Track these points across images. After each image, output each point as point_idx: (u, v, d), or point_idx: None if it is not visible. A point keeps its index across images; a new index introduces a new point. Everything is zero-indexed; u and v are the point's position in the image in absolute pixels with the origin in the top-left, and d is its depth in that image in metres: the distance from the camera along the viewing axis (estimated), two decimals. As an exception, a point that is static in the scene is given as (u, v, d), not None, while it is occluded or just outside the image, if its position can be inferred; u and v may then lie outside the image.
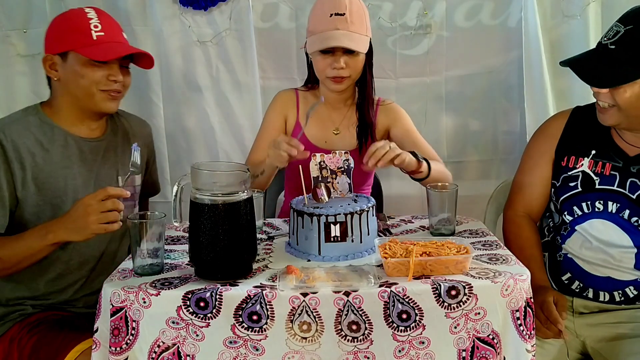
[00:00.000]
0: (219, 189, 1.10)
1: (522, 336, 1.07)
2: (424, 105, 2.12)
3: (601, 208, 1.35)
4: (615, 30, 1.24)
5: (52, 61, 1.41)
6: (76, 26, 1.39)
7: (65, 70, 1.40)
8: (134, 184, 1.56)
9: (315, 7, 1.58)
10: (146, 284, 1.10)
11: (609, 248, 1.34)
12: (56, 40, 1.40)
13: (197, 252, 1.12)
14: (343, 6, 1.51)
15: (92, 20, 1.40)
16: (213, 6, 2.00)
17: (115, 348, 1.07)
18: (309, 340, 1.07)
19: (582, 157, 1.39)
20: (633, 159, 1.34)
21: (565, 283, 1.41)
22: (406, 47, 2.07)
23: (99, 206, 1.20)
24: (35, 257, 1.30)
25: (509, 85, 2.10)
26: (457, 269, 1.12)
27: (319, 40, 1.53)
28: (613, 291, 1.36)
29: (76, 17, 1.41)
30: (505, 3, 2.02)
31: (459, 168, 2.17)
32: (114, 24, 1.46)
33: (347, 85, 1.61)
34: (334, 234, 1.22)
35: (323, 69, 1.57)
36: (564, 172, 1.42)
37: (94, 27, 1.39)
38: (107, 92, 1.42)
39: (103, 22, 1.41)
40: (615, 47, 1.23)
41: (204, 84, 2.08)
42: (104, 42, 1.39)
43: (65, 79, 1.41)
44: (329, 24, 1.51)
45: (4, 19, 2.02)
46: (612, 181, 1.35)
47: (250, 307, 1.06)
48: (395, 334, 1.07)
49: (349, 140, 1.68)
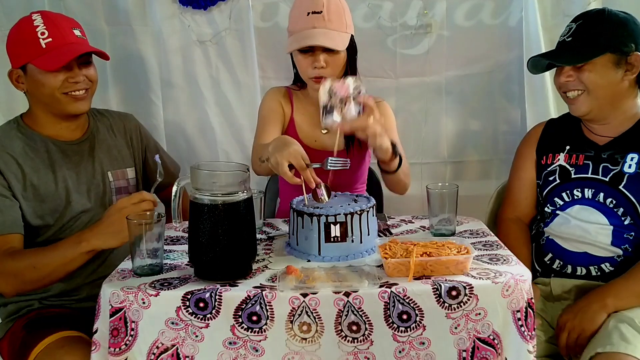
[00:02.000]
0: (218, 189, 1.09)
1: (523, 337, 1.07)
2: (424, 105, 2.11)
3: (580, 195, 1.47)
4: (569, 27, 1.47)
5: (17, 75, 1.43)
6: (25, 37, 1.40)
7: (29, 82, 1.42)
8: (127, 177, 1.59)
9: (294, 6, 1.60)
10: (145, 284, 1.10)
11: (585, 224, 1.45)
12: (13, 55, 1.43)
13: (197, 252, 1.12)
14: (320, 4, 1.51)
15: (39, 27, 1.39)
16: (213, 6, 2.00)
17: (115, 349, 1.07)
18: (309, 341, 1.07)
19: (558, 152, 1.54)
20: (603, 147, 1.47)
21: (547, 264, 1.50)
22: (406, 47, 2.06)
23: (135, 208, 1.20)
24: (70, 266, 1.28)
25: (509, 85, 2.10)
26: (458, 270, 1.12)
27: (297, 39, 1.53)
28: (589, 266, 1.43)
29: (24, 28, 1.41)
30: (505, 2, 2.02)
31: (459, 168, 2.17)
32: (63, 25, 1.44)
33: None
34: (334, 234, 1.21)
35: (305, 69, 1.58)
36: (544, 169, 1.56)
37: (40, 34, 1.39)
38: (71, 94, 1.43)
39: (49, 27, 1.40)
40: (572, 39, 1.45)
41: (203, 84, 2.08)
42: (54, 49, 1.39)
43: (31, 90, 1.44)
44: (307, 22, 1.52)
45: (4, 19, 2.01)
46: (586, 169, 1.48)
47: (250, 308, 1.05)
48: (395, 335, 1.07)
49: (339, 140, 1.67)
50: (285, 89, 1.73)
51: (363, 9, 2.00)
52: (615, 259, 1.41)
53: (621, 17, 1.42)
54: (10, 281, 1.31)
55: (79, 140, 1.52)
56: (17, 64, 1.42)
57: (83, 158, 1.51)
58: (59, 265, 1.28)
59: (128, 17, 2.01)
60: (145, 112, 2.03)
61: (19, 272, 1.29)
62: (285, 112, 1.69)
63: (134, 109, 1.88)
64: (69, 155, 1.49)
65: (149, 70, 2.06)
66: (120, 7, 2.00)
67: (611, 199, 1.42)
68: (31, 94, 1.45)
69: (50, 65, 1.38)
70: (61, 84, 1.41)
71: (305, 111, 1.70)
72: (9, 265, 1.30)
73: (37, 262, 1.29)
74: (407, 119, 2.11)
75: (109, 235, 1.22)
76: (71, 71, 1.41)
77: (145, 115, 1.98)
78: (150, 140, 1.71)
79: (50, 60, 1.38)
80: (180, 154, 2.12)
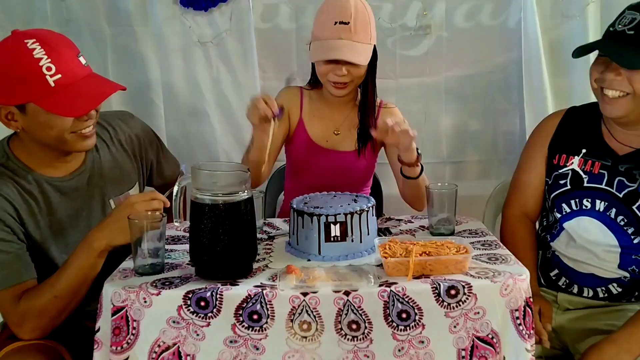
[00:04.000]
0: (219, 189, 1.10)
1: (522, 336, 1.08)
2: (424, 105, 2.12)
3: (589, 206, 1.37)
4: (631, 17, 1.25)
5: (8, 111, 1.21)
6: (27, 74, 1.17)
7: (28, 121, 1.21)
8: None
9: (321, 11, 1.57)
10: (147, 283, 1.11)
11: (592, 246, 1.37)
12: (7, 92, 1.18)
13: (198, 251, 1.13)
14: (348, 14, 1.50)
15: (42, 61, 1.17)
16: (213, 7, 2.01)
17: (116, 347, 1.08)
18: (309, 340, 1.07)
19: (572, 155, 1.41)
20: (622, 158, 1.35)
21: (553, 279, 1.45)
22: (406, 48, 2.07)
23: (145, 205, 1.17)
24: (90, 275, 1.20)
25: (509, 86, 2.10)
26: (457, 269, 1.12)
27: (322, 49, 1.53)
28: (596, 287, 1.39)
29: (23, 61, 1.17)
30: (504, 4, 2.03)
31: (459, 168, 2.18)
32: (67, 54, 1.22)
33: (348, 91, 1.61)
34: (334, 233, 1.22)
35: (325, 73, 1.57)
36: (555, 170, 1.44)
37: (46, 70, 1.17)
38: (80, 133, 1.25)
39: (55, 59, 1.18)
40: (635, 32, 1.23)
41: (204, 84, 2.09)
42: (64, 87, 1.19)
43: (29, 129, 1.23)
44: (333, 32, 1.51)
45: (5, 19, 2.02)
46: (600, 179, 1.36)
47: (251, 307, 1.06)
48: (395, 333, 1.07)
49: (349, 142, 1.69)
50: (298, 89, 1.72)
51: (363, 10, 2.01)
52: (622, 279, 1.36)
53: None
54: (36, 324, 1.21)
55: (78, 172, 1.36)
56: (11, 101, 1.19)
57: (81, 192, 1.37)
58: (79, 280, 1.20)
59: (129, 18, 2.02)
60: (146, 112, 2.04)
61: (42, 311, 1.21)
62: (292, 114, 1.69)
63: (134, 109, 1.88)
64: (66, 193, 1.34)
65: (150, 70, 2.07)
66: (121, 8, 2.01)
67: (623, 217, 1.33)
68: (29, 133, 1.24)
69: (68, 110, 1.19)
70: (72, 124, 1.22)
71: (317, 112, 1.69)
72: (28, 308, 1.20)
73: (57, 291, 1.20)
74: (406, 119, 2.10)
75: (117, 231, 1.18)
76: None
77: (146, 115, 1.98)
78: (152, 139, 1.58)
79: (66, 104, 1.18)
80: (181, 154, 2.13)
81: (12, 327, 1.24)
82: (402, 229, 1.43)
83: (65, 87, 1.19)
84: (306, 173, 1.44)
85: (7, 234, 1.24)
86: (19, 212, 1.27)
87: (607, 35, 1.31)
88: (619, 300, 1.39)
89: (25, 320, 1.22)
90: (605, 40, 1.32)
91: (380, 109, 1.72)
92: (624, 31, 1.25)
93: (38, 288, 1.23)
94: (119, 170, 1.45)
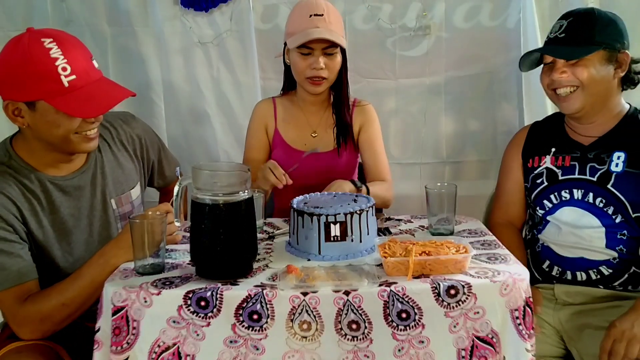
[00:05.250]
0: (219, 189, 1.10)
1: (522, 335, 1.08)
2: (424, 105, 2.12)
3: (568, 197, 1.47)
4: (559, 24, 1.46)
5: (15, 107, 1.22)
6: (41, 72, 1.18)
7: (36, 119, 1.22)
8: (131, 200, 1.48)
9: (293, 12, 1.65)
10: (147, 283, 1.11)
11: (578, 231, 1.45)
12: (18, 88, 1.19)
13: (198, 251, 1.13)
14: (321, 8, 1.58)
15: (58, 61, 1.18)
16: (214, 7, 2.01)
17: (116, 347, 1.08)
18: (309, 339, 1.07)
19: (544, 155, 1.54)
20: (588, 147, 1.47)
21: (546, 271, 1.51)
22: (406, 48, 2.07)
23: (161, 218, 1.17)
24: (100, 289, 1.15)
25: (508, 86, 2.10)
26: (457, 269, 1.12)
27: (300, 37, 1.56)
28: (588, 270, 1.44)
29: (40, 59, 1.18)
30: (504, 4, 2.03)
31: (458, 168, 2.18)
32: (82, 57, 1.24)
33: (324, 88, 1.66)
34: (334, 233, 1.22)
35: (302, 70, 1.61)
36: (531, 172, 1.55)
37: (62, 70, 1.18)
38: (84, 134, 1.27)
39: (71, 61, 1.20)
40: (565, 35, 1.44)
41: (204, 85, 2.09)
42: (78, 89, 1.20)
43: (35, 127, 1.24)
44: (309, 23, 1.57)
45: (5, 20, 2.02)
46: (572, 170, 1.47)
47: (251, 307, 1.06)
48: (394, 333, 1.08)
49: (327, 142, 1.73)
50: (270, 100, 1.78)
51: (362, 10, 2.02)
52: (612, 261, 1.42)
53: (610, 16, 1.44)
54: (37, 327, 1.21)
55: (80, 172, 1.37)
56: (22, 97, 1.20)
57: (83, 191, 1.37)
58: (90, 293, 1.20)
59: (130, 18, 2.02)
60: (147, 112, 2.04)
61: (46, 316, 1.20)
62: (268, 126, 1.75)
63: (135, 109, 1.88)
64: (69, 192, 1.34)
65: (151, 71, 2.07)
66: (121, 9, 2.01)
67: (600, 199, 1.42)
68: (35, 130, 1.25)
69: (80, 111, 1.21)
70: (78, 125, 1.24)
71: (291, 118, 1.74)
72: (32, 312, 1.20)
73: (66, 299, 1.20)
74: (406, 120, 2.12)
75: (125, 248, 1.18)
76: None
77: (146, 115, 1.99)
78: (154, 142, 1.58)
79: (77, 105, 1.20)
80: (181, 154, 2.13)
81: (13, 327, 1.24)
82: (402, 229, 1.44)
83: (78, 88, 1.21)
84: (291, 176, 1.49)
85: (9, 234, 1.23)
86: (21, 211, 1.26)
87: (545, 43, 1.52)
88: (612, 282, 1.42)
89: (27, 323, 1.22)
90: (546, 46, 1.52)
91: (355, 107, 1.75)
92: (556, 36, 1.46)
93: (45, 293, 1.23)
94: (120, 170, 1.46)
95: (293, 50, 1.61)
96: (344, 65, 1.67)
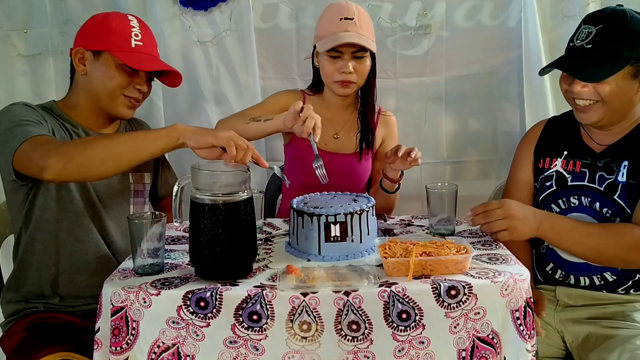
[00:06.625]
0: (219, 189, 1.10)
1: (522, 336, 1.08)
2: (424, 105, 2.12)
3: (576, 203, 1.45)
4: (587, 31, 1.35)
5: (82, 55, 1.43)
6: (118, 30, 1.42)
7: (95, 67, 1.42)
8: (144, 182, 1.58)
9: (324, 14, 1.64)
10: (146, 283, 1.10)
11: None
12: (93, 37, 1.42)
13: (198, 252, 1.12)
14: (352, 12, 1.58)
15: (134, 29, 1.44)
16: (213, 6, 2.01)
17: (116, 348, 1.07)
18: (309, 340, 1.07)
19: (555, 157, 1.51)
20: (599, 155, 1.44)
21: (549, 273, 1.49)
22: (406, 48, 2.07)
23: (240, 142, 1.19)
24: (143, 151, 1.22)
25: (509, 86, 2.10)
26: (457, 269, 1.12)
27: (330, 40, 1.56)
28: (592, 275, 1.42)
29: (119, 21, 1.44)
30: (504, 3, 2.03)
31: (459, 168, 2.18)
32: (152, 38, 1.50)
33: (353, 91, 1.66)
34: (334, 233, 1.22)
35: (331, 73, 1.61)
36: (541, 173, 1.53)
37: (134, 35, 1.43)
38: (129, 98, 1.46)
39: (143, 33, 1.46)
40: (592, 46, 1.33)
41: (204, 84, 2.09)
42: (141, 52, 1.44)
43: (92, 75, 1.43)
44: (340, 26, 1.57)
45: (5, 19, 2.02)
46: (582, 177, 1.44)
47: (251, 307, 1.06)
48: (395, 334, 1.07)
49: (348, 145, 1.73)
50: (301, 93, 1.76)
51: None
52: (617, 268, 1.39)
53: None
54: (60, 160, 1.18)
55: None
56: (93, 46, 1.41)
57: None
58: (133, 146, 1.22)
59: (129, 17, 2.02)
60: (147, 112, 2.04)
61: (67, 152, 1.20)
62: None
63: (134, 109, 1.89)
64: None
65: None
66: (121, 8, 2.00)
67: (607, 209, 1.39)
68: (89, 79, 1.43)
69: (137, 65, 1.41)
70: (127, 84, 1.44)
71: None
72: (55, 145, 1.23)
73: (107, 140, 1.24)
74: (406, 119, 2.12)
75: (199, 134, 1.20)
76: (141, 79, 1.46)
77: (146, 115, 1.98)
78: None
79: (137, 60, 1.42)
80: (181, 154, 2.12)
81: (38, 166, 1.19)
82: (402, 229, 1.43)
83: (140, 52, 1.44)
84: (305, 173, 1.47)
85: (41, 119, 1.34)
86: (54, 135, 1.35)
87: (568, 51, 1.41)
88: (615, 288, 1.41)
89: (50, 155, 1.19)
90: (567, 56, 1.41)
91: (380, 115, 1.76)
92: (582, 46, 1.35)
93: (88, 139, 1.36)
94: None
95: (322, 54, 1.61)
96: (372, 70, 1.66)
